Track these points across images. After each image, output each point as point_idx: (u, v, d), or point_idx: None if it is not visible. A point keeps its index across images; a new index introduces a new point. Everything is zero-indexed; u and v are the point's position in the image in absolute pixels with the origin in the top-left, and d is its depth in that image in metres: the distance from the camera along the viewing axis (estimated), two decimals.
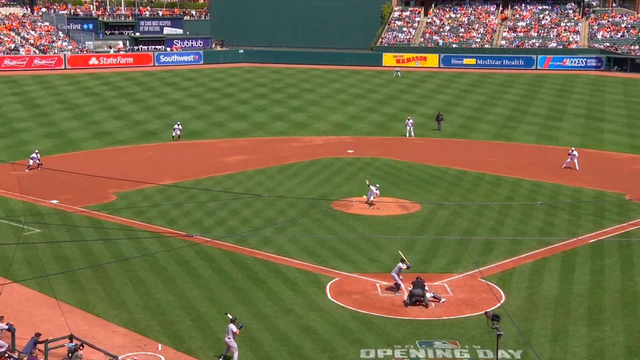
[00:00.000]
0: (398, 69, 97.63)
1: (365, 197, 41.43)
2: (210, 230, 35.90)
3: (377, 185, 41.37)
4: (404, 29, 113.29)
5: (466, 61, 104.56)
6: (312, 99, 78.18)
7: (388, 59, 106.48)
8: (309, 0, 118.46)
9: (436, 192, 43.46)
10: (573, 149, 51.44)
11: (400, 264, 29.05)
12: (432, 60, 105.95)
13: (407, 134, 58.96)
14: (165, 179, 45.82)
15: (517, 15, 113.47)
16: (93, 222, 37.43)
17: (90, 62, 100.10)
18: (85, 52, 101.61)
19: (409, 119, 60.35)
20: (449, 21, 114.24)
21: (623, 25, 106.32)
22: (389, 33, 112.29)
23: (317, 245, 34.11)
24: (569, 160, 50.20)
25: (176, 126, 58.36)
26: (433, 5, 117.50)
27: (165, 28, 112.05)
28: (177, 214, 39.11)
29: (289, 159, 52.06)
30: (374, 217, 38.74)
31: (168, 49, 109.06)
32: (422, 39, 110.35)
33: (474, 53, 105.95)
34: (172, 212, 39.41)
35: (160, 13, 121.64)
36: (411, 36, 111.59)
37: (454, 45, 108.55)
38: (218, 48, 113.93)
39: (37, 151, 49.41)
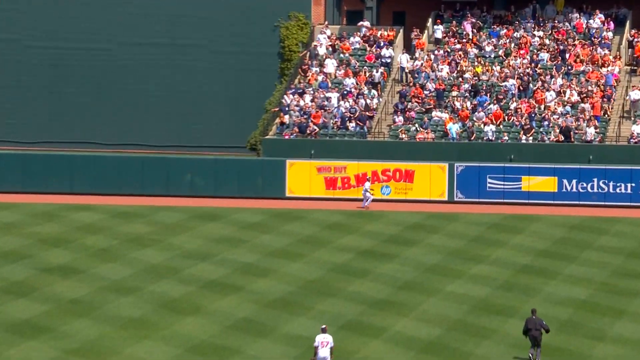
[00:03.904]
0: (369, 189, 60.74)
1: None
2: None
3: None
4: (347, 81, 66.59)
5: (529, 184, 61.82)
6: (77, 295, 46.12)
7: (299, 174, 63.34)
8: (86, 17, 73.30)
9: None
10: None
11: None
12: (430, 178, 63.19)
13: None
14: None
15: None
16: None
17: None
18: None
19: None
20: (478, 66, 67.07)
21: None
22: (298, 98, 65.80)
23: None
24: None
25: None
26: (431, 21, 71.16)
27: None
28: None
29: None
30: None
31: None
32: (398, 119, 64.80)
33: (547, 160, 61.39)
34: None
35: None
36: (373, 104, 67.40)
37: (490, 136, 63.31)
38: None
39: None
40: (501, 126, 62.14)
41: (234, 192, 60.53)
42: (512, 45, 66.99)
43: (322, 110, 62.85)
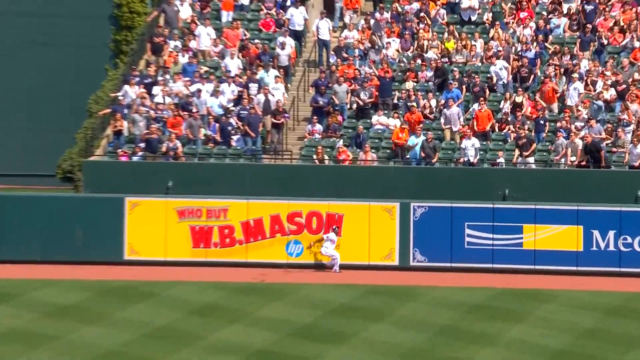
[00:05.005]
0: (330, 246, 50.33)
1: None
2: None
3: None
4: (229, 64, 53.95)
5: (536, 238, 47.18)
6: None
7: (148, 222, 48.91)
8: None
9: None
10: None
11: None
12: (369, 227, 51.21)
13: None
14: None
15: None
16: None
17: None
18: None
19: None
20: (448, 39, 54.06)
21: None
22: (146, 92, 49.58)
23: None
24: None
25: None
26: None
27: None
28: None
29: None
30: None
31: None
32: (315, 128, 51.56)
33: (566, 198, 48.18)
34: None
35: None
36: (275, 103, 53.65)
37: (471, 156, 50.01)
38: None
39: None
40: (489, 142, 47.90)
41: (35, 253, 44.79)
42: (508, 4, 52.67)
43: (187, 114, 48.62)
